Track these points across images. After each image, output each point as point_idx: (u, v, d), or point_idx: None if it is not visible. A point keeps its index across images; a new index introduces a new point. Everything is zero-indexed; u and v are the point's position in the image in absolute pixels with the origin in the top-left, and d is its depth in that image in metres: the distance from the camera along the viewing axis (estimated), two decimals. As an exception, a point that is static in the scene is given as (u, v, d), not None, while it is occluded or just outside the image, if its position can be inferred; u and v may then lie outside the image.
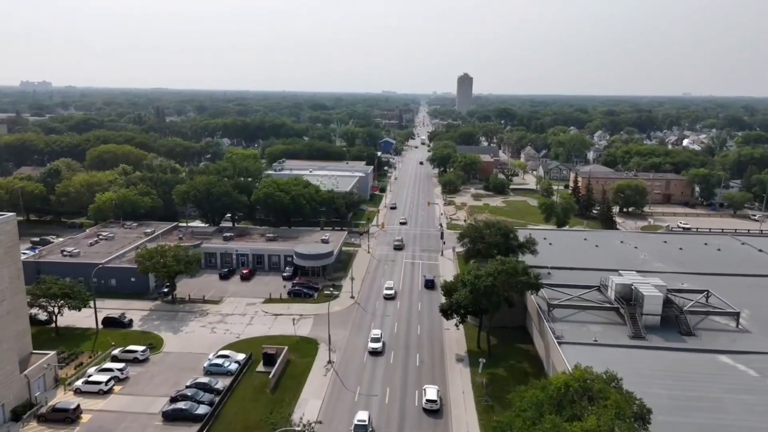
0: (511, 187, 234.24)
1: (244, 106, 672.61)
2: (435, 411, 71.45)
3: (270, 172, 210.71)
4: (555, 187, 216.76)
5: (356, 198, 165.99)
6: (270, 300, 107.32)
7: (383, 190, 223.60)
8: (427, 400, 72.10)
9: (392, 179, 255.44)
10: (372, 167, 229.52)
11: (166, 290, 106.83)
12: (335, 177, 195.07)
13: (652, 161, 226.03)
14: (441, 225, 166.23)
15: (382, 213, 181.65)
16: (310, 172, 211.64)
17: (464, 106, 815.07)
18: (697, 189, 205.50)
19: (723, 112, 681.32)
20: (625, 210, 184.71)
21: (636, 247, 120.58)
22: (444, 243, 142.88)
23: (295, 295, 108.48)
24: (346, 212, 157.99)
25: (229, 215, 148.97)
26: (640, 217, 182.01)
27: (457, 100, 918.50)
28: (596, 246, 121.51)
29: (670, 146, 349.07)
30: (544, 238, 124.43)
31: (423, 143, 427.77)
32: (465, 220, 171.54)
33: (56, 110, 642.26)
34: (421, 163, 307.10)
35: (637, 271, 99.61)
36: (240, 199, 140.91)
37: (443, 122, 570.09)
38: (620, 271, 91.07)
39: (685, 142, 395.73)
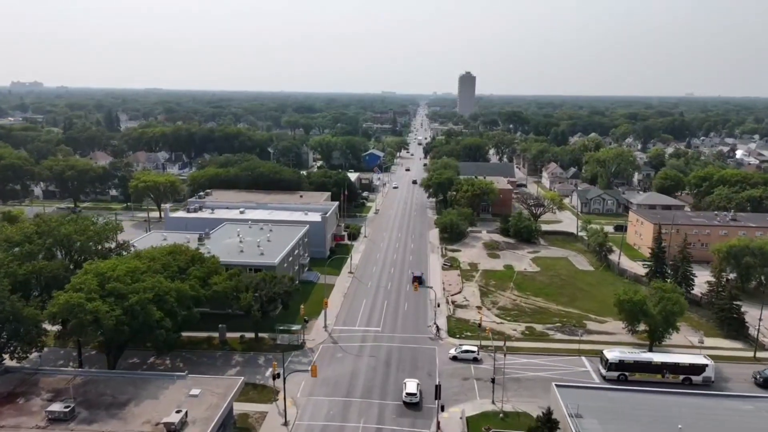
0: (541, 227, 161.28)
1: (222, 109, 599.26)
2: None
3: (177, 214, 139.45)
4: (605, 228, 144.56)
5: (287, 285, 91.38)
6: None
7: (354, 236, 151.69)
8: (407, 394, 68.67)
9: (371, 213, 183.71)
10: (338, 203, 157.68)
11: None
12: (268, 227, 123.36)
13: (749, 194, 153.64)
14: (438, 330, 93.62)
15: (340, 292, 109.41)
16: (241, 212, 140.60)
17: (466, 108, 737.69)
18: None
19: (750, 115, 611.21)
20: (739, 285, 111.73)
21: None
22: (443, 408, 69.47)
23: None
24: (263, 313, 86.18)
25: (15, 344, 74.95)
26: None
27: (459, 102, 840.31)
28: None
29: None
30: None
31: (420, 144, 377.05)
32: (479, 314, 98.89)
33: (14, 113, 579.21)
34: (415, 182, 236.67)
35: None
36: (28, 313, 68.44)
37: (443, 126, 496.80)
38: None
39: (739, 153, 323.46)
